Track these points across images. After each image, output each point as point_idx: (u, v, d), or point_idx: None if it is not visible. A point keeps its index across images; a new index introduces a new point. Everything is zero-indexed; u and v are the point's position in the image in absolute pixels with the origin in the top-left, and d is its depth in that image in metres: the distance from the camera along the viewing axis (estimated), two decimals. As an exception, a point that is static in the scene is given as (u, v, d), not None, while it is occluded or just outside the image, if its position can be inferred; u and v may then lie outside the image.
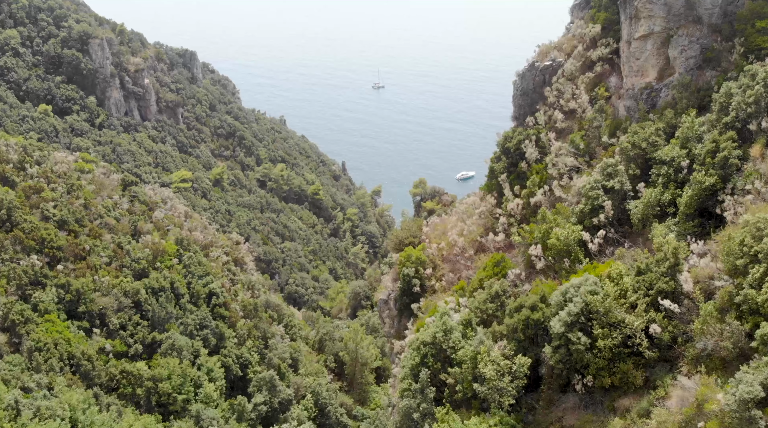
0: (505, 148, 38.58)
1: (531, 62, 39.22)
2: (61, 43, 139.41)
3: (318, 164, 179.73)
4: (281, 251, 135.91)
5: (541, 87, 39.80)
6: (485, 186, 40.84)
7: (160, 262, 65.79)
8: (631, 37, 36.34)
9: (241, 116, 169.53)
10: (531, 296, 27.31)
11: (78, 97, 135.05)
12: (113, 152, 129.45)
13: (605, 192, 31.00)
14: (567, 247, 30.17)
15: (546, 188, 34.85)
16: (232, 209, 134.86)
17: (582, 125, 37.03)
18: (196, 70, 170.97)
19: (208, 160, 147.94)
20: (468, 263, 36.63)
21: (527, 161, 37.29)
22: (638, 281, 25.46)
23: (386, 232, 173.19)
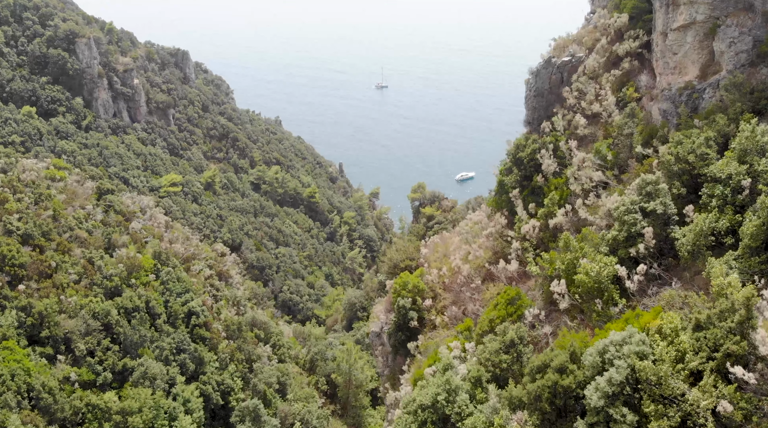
0: (516, 158, 32.54)
1: (546, 58, 33.18)
2: (46, 43, 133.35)
3: (314, 166, 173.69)
4: (275, 257, 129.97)
5: (559, 87, 33.78)
6: (493, 201, 34.77)
7: (135, 279, 59.81)
8: (667, 27, 30.30)
9: (234, 116, 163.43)
10: (558, 354, 21.33)
11: (64, 99, 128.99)
12: (100, 155, 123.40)
13: (644, 216, 25.01)
14: (599, 284, 24.18)
15: (568, 207, 28.81)
16: (224, 214, 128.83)
17: (608, 132, 31.00)
18: (188, 70, 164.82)
19: (199, 162, 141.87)
20: (474, 294, 30.66)
21: (544, 175, 31.27)
22: (698, 338, 19.49)
23: (384, 235, 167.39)
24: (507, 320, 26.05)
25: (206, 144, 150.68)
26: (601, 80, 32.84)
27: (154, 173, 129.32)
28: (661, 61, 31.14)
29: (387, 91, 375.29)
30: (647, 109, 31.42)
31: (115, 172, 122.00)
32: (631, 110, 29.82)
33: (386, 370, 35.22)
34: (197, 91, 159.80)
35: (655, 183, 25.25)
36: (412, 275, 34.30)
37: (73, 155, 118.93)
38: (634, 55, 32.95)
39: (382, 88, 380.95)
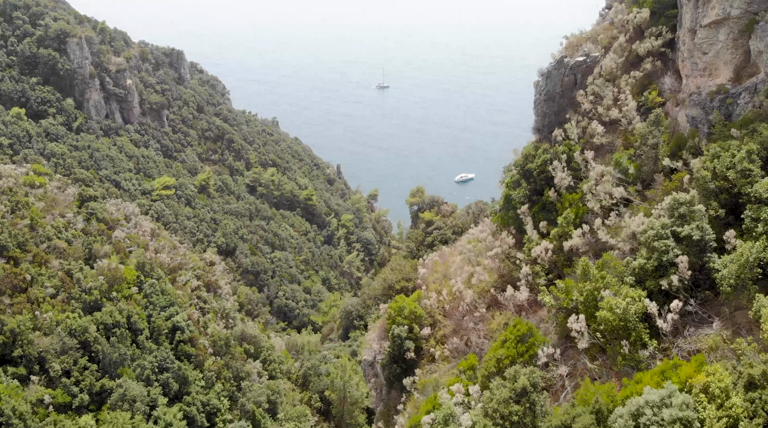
0: (525, 170, 28.90)
1: (558, 58, 29.53)
2: (37, 43, 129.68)
3: (311, 168, 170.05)
4: (271, 262, 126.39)
5: (572, 90, 30.14)
6: (498, 218, 31.10)
7: (117, 291, 56.10)
8: (696, 23, 26.69)
9: (230, 117, 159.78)
10: (580, 413, 17.75)
11: (54, 100, 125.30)
12: (91, 157, 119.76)
13: (676, 241, 21.41)
14: (625, 323, 20.58)
15: (585, 227, 25.20)
16: (218, 218, 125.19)
17: (629, 141, 27.39)
18: (183, 70, 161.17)
19: (194, 165, 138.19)
20: (479, 324, 27.07)
21: (556, 189, 27.63)
22: (752, 400, 15.95)
23: (383, 238, 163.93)
24: (517, 361, 22.44)
25: (201, 146, 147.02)
26: (619, 83, 29.21)
27: (147, 175, 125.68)
28: (688, 62, 27.53)
29: (388, 92, 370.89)
30: (672, 115, 27.80)
31: (107, 175, 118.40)
32: (656, 116, 26.18)
33: (380, 405, 31.68)
34: (192, 92, 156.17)
35: (690, 204, 21.63)
36: (409, 299, 30.71)
37: (63, 157, 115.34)
38: (657, 54, 29.34)
39: (383, 88, 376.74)
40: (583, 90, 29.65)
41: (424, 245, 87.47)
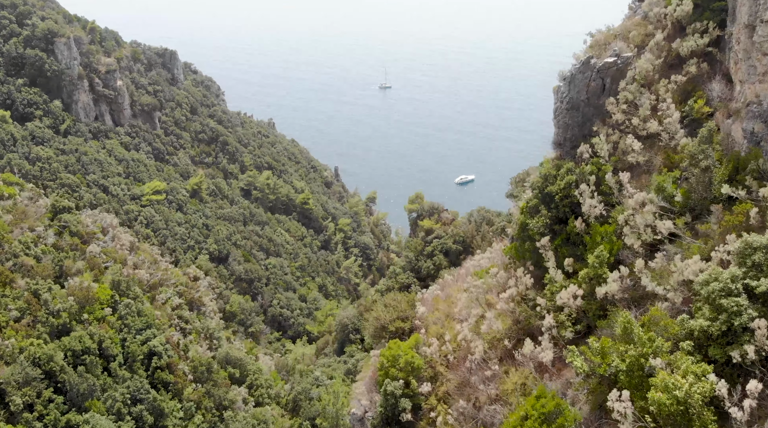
0: (544, 194, 23.84)
1: (584, 59, 24.42)
2: (23, 43, 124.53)
3: (308, 170, 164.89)
4: (265, 269, 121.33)
5: (599, 97, 25.07)
6: (512, 249, 25.94)
7: (88, 313, 51.07)
8: (755, 17, 21.59)
9: (225, 119, 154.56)
10: None
11: (41, 102, 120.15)
12: (78, 161, 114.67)
13: (751, 298, 16.40)
14: (686, 407, 15.55)
15: (623, 270, 20.15)
16: (210, 223, 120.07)
17: (672, 160, 22.32)
18: (176, 71, 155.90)
19: (186, 168, 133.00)
20: (490, 385, 22.04)
21: (584, 218, 22.60)
22: None
23: (381, 242, 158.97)
24: (542, 447, 17.37)
25: (194, 148, 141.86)
26: (657, 89, 24.12)
27: (137, 180, 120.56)
28: (743, 65, 22.43)
29: (390, 92, 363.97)
30: (724, 129, 22.70)
31: (94, 180, 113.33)
32: (708, 131, 21.06)
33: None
34: (185, 93, 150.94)
35: (765, 249, 16.59)
36: (405, 344, 25.71)
37: (49, 162, 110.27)
38: (702, 55, 24.27)
39: (386, 88, 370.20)
40: (614, 97, 24.56)
41: (423, 255, 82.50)
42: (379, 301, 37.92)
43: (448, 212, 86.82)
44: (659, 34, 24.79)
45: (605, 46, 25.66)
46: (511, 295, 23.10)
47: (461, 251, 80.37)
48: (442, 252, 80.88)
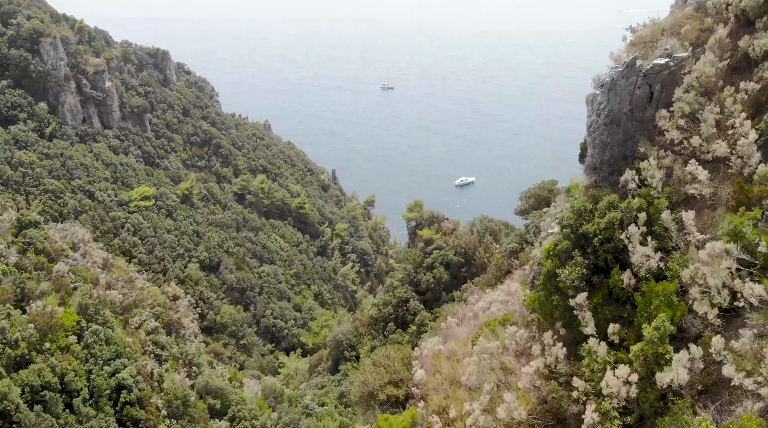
0: (578, 234, 18.28)
1: (628, 61, 18.81)
2: (8, 43, 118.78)
3: (304, 174, 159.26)
4: (258, 277, 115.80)
5: (644, 108, 19.54)
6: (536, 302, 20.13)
7: (51, 342, 45.50)
8: None
9: (218, 121, 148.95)
10: None
11: (26, 104, 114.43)
12: (63, 166, 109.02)
13: None
14: None
15: (695, 351, 14.61)
16: (201, 230, 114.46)
17: (748, 195, 16.75)
18: (169, 72, 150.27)
19: (177, 172, 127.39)
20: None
21: (633, 270, 17.07)
22: None
23: (379, 247, 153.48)
24: None
25: (186, 152, 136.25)
26: (721, 99, 18.54)
27: (125, 185, 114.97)
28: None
29: (392, 93, 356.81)
30: (816, 150, 17.17)
31: (80, 185, 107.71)
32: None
33: None
34: (178, 95, 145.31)
35: None
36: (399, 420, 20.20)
37: (32, 166, 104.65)
38: (779, 54, 18.66)
39: (388, 89, 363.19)
40: (666, 110, 18.98)
41: (422, 267, 77.05)
42: (366, 360, 32.07)
43: (448, 221, 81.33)
44: (721, 30, 19.24)
45: (651, 44, 20.11)
46: (537, 368, 17.60)
47: (463, 264, 74.99)
48: (442, 264, 75.56)
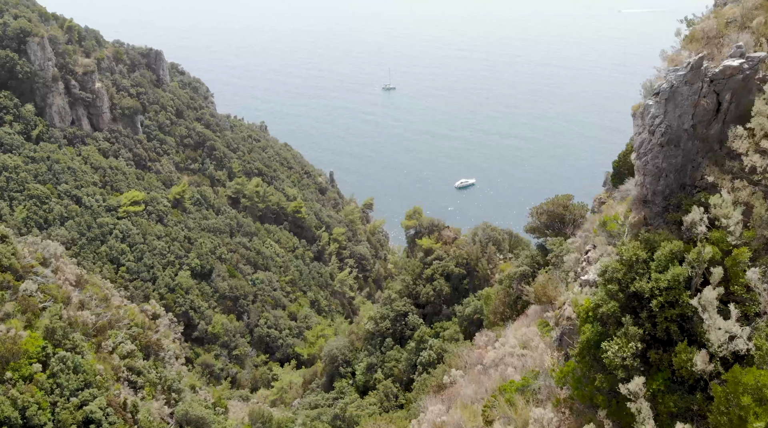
0: (629, 294, 13.64)
1: (693, 62, 14.13)
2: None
3: (301, 176, 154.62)
4: (252, 284, 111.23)
5: (709, 124, 14.94)
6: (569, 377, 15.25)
7: (13, 371, 40.97)
8: None
9: (213, 123, 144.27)
10: None
11: (12, 106, 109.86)
12: (49, 170, 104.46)
13: None
14: None
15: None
16: (192, 236, 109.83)
17: None
18: (162, 72, 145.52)
19: (169, 176, 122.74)
20: None
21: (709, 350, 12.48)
22: None
23: (378, 252, 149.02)
24: None
25: (179, 154, 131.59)
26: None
27: (114, 189, 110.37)
28: None
29: (393, 94, 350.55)
30: None
31: (66, 190, 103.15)
32: None
33: None
34: (171, 96, 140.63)
35: None
36: None
37: (17, 171, 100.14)
38: None
39: (389, 89, 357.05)
40: (740, 126, 14.36)
41: (422, 279, 72.49)
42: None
43: (449, 229, 76.73)
44: (806, 17, 14.58)
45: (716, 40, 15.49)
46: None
47: (464, 275, 70.43)
48: (443, 276, 70.98)
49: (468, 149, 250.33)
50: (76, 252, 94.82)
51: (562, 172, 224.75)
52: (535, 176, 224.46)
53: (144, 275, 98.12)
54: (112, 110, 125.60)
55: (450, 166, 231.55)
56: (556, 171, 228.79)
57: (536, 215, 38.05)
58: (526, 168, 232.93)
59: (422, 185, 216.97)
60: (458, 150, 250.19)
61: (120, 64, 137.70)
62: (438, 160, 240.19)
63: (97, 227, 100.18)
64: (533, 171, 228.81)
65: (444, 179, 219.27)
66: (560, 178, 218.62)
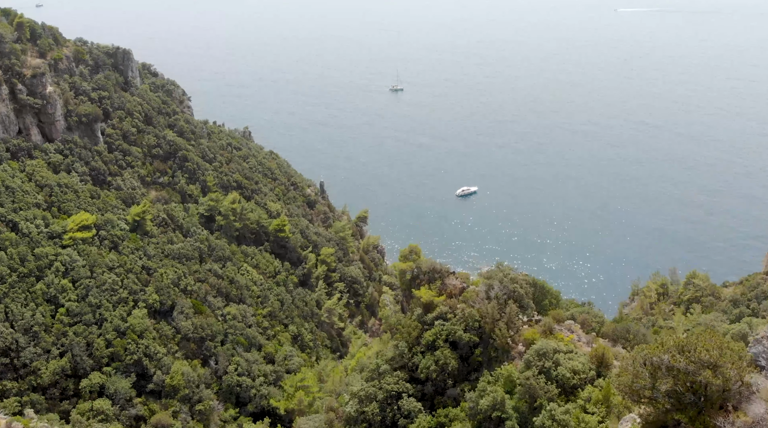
0: None
1: None
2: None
3: (287, 188, 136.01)
4: (222, 320, 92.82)
5: None
6: None
7: None
8: None
9: (187, 130, 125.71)
10: None
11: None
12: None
13: None
14: None
15: None
16: (152, 265, 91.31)
17: None
18: (131, 73, 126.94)
19: (131, 193, 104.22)
20: None
21: None
22: None
23: (372, 273, 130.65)
24: None
25: (145, 167, 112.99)
26: None
27: (62, 211, 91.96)
28: None
29: (401, 95, 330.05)
30: None
31: (1, 214, 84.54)
32: None
33: None
34: (139, 100, 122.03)
35: None
36: None
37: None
38: None
39: (397, 91, 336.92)
40: None
41: (420, 345, 54.02)
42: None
43: (455, 276, 58.14)
44: None
45: None
46: None
47: (476, 343, 51.93)
48: (447, 343, 52.64)
49: (472, 155, 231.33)
50: (3, 292, 76.36)
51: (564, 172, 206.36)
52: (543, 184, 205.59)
53: (88, 317, 79.64)
54: (68, 118, 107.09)
55: (451, 173, 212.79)
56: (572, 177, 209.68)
57: (639, 373, 19.04)
58: (532, 176, 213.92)
59: (421, 193, 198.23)
60: (460, 156, 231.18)
61: (81, 65, 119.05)
62: (438, 166, 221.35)
63: (34, 259, 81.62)
64: (540, 180, 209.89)
65: (445, 187, 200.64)
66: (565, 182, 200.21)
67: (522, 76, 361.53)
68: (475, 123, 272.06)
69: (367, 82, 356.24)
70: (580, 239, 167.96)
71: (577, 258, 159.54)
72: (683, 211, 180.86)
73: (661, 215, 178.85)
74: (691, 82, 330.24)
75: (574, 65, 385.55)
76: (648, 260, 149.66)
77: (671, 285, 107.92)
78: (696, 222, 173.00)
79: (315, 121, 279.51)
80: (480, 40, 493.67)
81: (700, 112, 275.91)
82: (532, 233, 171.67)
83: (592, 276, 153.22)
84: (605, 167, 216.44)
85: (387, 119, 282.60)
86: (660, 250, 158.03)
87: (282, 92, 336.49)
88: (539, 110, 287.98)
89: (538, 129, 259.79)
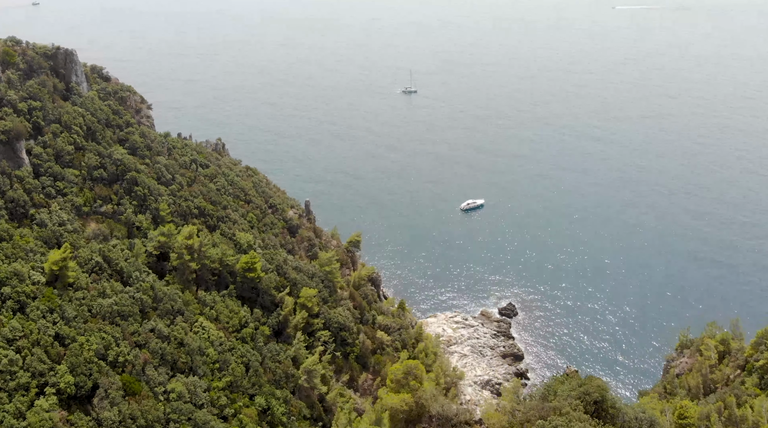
0: None
1: None
2: None
3: (263, 212, 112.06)
4: (165, 400, 69.04)
5: None
6: None
7: None
8: None
9: (142, 146, 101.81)
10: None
11: None
12: None
13: None
14: None
15: None
16: (68, 333, 67.50)
17: None
18: (75, 78, 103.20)
19: (57, 231, 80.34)
20: None
21: None
22: None
23: (364, 314, 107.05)
24: None
25: (83, 194, 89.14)
26: None
27: (-47, 260, 68.11)
28: None
29: (414, 98, 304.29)
30: None
31: None
32: None
33: None
34: (81, 110, 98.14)
35: None
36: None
37: None
38: None
39: (410, 92, 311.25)
40: None
41: None
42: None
43: (477, 427, 33.83)
44: None
45: None
46: None
47: None
48: None
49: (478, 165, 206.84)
50: None
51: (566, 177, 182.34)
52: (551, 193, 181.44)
53: (-39, 419, 55.87)
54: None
55: (454, 184, 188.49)
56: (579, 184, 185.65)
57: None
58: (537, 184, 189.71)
59: (422, 207, 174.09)
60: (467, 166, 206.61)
61: (10, 69, 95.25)
62: (438, 176, 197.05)
63: None
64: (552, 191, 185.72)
65: (448, 201, 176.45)
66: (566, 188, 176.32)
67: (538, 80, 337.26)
68: (474, 129, 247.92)
69: (376, 83, 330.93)
70: (602, 264, 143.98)
71: (603, 287, 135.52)
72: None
73: (708, 237, 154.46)
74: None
75: (588, 71, 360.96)
76: (693, 296, 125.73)
77: (732, 341, 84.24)
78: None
79: (314, 129, 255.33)
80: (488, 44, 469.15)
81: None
82: (547, 253, 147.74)
83: (619, 311, 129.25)
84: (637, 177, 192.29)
85: (383, 124, 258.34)
86: (705, 282, 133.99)
87: (278, 94, 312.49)
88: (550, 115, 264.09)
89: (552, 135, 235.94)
